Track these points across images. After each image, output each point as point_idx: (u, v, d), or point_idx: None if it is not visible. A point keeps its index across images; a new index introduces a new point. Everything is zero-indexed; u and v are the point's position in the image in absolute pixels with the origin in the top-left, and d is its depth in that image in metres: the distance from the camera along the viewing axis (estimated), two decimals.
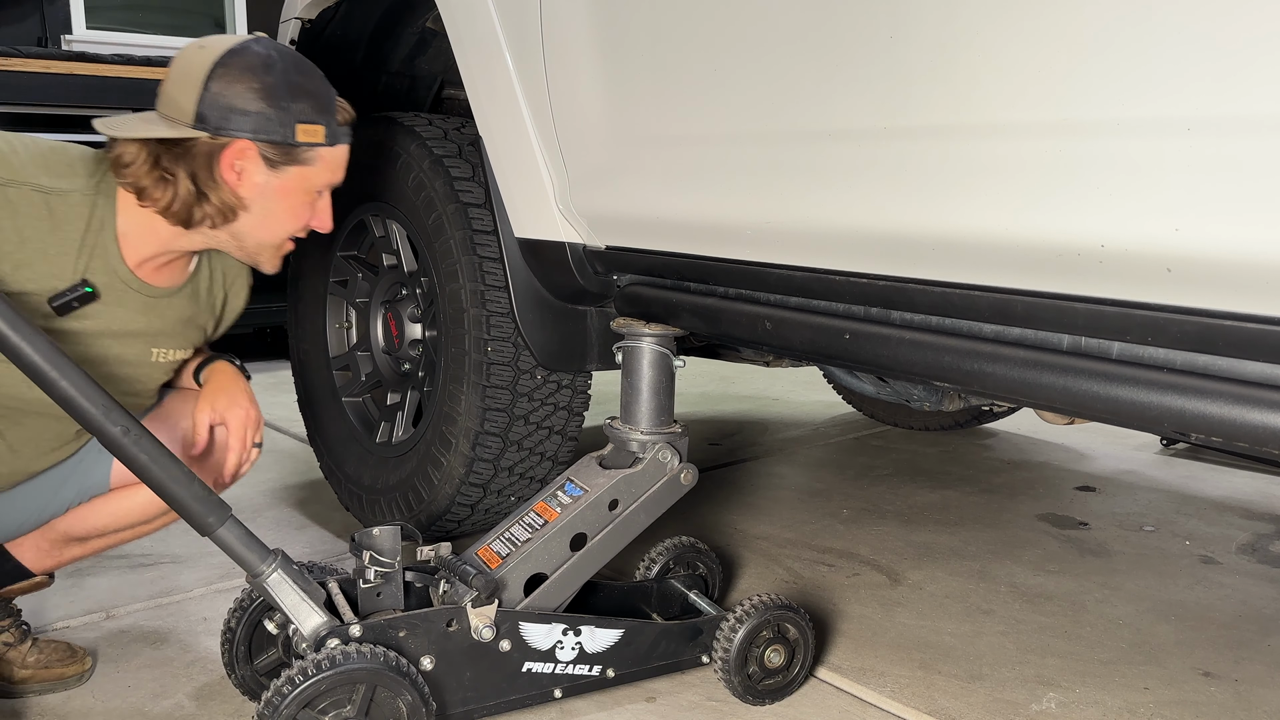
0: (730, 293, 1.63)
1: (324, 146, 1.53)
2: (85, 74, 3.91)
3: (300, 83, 1.50)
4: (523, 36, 1.80)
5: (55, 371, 1.27)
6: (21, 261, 1.42)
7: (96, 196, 1.49)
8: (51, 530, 1.67)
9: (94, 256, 1.49)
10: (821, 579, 2.13)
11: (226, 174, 1.48)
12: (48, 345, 1.28)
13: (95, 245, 1.49)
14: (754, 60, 1.40)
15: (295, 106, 1.48)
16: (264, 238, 1.58)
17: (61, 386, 1.28)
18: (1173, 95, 0.96)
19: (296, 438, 3.17)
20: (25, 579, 1.71)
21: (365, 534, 1.51)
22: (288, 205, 1.55)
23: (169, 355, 1.65)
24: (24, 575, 1.70)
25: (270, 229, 1.57)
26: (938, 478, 2.88)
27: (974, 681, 1.70)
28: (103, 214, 1.49)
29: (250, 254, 1.61)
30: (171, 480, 1.33)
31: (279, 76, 1.47)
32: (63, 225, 1.45)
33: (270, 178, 1.51)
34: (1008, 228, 1.12)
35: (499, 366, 1.97)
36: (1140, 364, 1.08)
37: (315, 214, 1.60)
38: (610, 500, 1.62)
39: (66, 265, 1.46)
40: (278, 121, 1.47)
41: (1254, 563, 2.23)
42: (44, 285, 1.45)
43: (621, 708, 1.61)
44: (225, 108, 1.44)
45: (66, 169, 1.48)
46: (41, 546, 1.68)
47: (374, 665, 1.33)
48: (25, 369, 1.27)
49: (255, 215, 1.53)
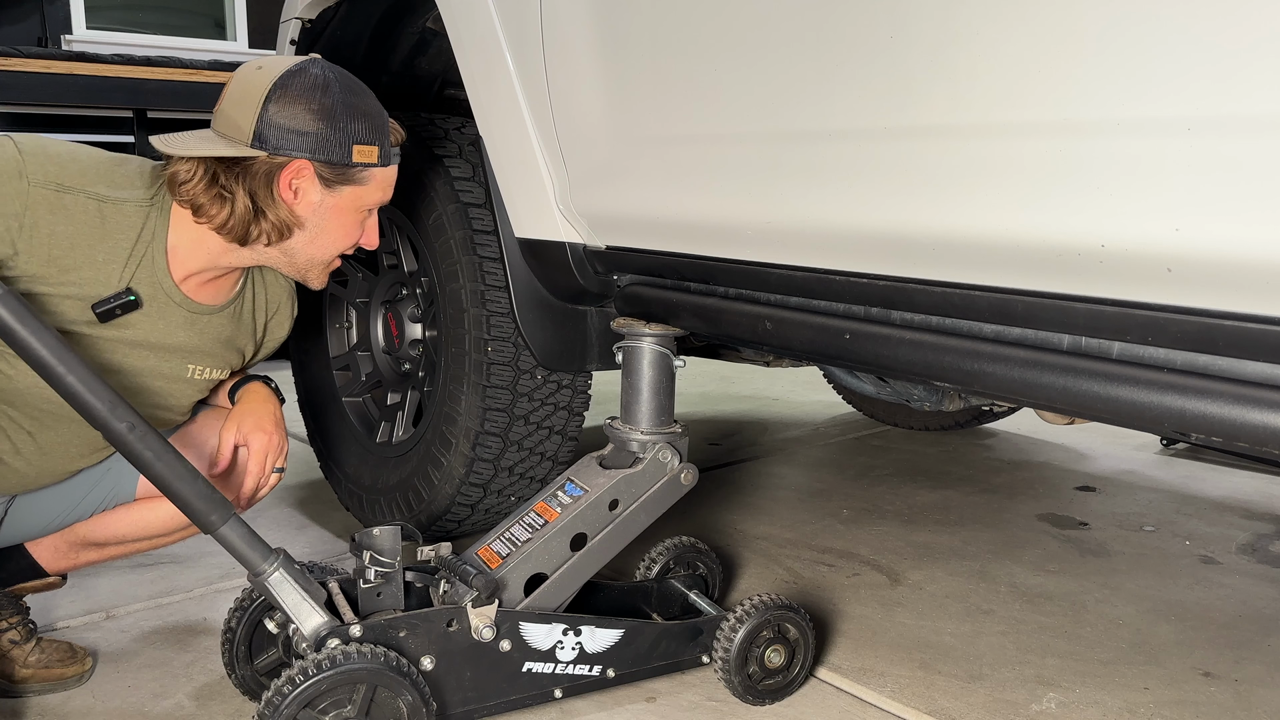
0: (730, 293, 1.63)
1: (378, 167, 1.56)
2: (85, 74, 3.91)
3: (356, 104, 1.54)
4: (523, 36, 1.80)
5: (62, 366, 1.28)
6: (69, 266, 1.45)
7: (151, 209, 1.52)
8: (71, 533, 1.69)
9: (140, 267, 1.52)
10: (821, 579, 2.13)
11: (284, 193, 1.52)
12: (55, 341, 1.28)
13: (144, 256, 1.52)
14: (754, 60, 1.40)
15: (351, 127, 1.52)
16: (315, 254, 1.61)
17: (68, 382, 1.28)
18: (1173, 95, 0.96)
19: (296, 438, 3.17)
20: (39, 578, 1.73)
21: (365, 534, 1.51)
22: (340, 223, 1.59)
23: (205, 374, 1.67)
24: (38, 574, 1.72)
25: (322, 246, 1.60)
26: (938, 478, 2.88)
27: (974, 681, 1.70)
28: (155, 226, 1.52)
29: (300, 270, 1.64)
30: (175, 477, 1.33)
31: (336, 98, 1.51)
32: (114, 233, 1.48)
33: (325, 196, 1.55)
34: (1008, 227, 1.12)
35: (499, 366, 1.98)
36: (1140, 364, 1.08)
37: (365, 232, 1.64)
38: (610, 500, 1.62)
39: (113, 273, 1.49)
40: (334, 142, 1.50)
41: (1254, 563, 2.23)
42: (89, 291, 1.47)
43: (621, 708, 1.61)
44: (283, 128, 1.48)
45: (125, 180, 1.52)
46: (59, 548, 1.70)
47: (374, 665, 1.33)
48: (33, 363, 1.28)
49: (309, 233, 1.57)
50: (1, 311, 1.25)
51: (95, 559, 1.74)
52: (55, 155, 1.46)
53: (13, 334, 1.26)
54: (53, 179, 1.43)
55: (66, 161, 1.46)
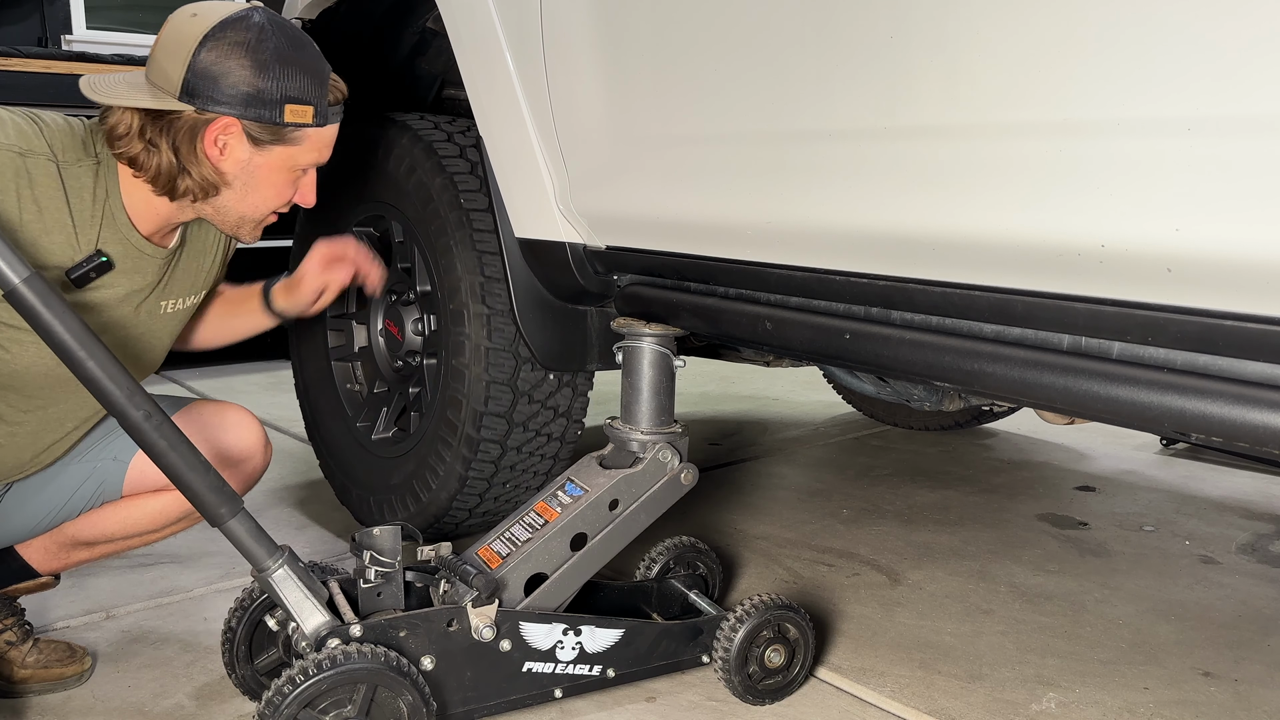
0: (731, 293, 1.63)
1: (312, 127, 1.50)
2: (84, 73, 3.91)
3: (293, 59, 1.46)
4: (523, 36, 1.80)
5: (83, 351, 1.27)
6: (41, 231, 1.40)
7: (99, 166, 1.47)
8: (60, 534, 1.67)
9: (104, 226, 1.47)
10: (821, 579, 2.13)
11: (209, 149, 1.45)
12: (79, 325, 1.27)
13: (105, 214, 1.47)
14: (754, 60, 1.40)
15: (286, 84, 1.44)
16: (246, 212, 1.55)
17: (88, 367, 1.27)
18: (1173, 95, 0.96)
19: (297, 438, 3.17)
20: (31, 579, 1.72)
21: (366, 534, 1.51)
22: (271, 182, 1.53)
23: (180, 304, 1.65)
24: (30, 575, 1.71)
25: (252, 205, 1.54)
26: (938, 478, 2.88)
27: (974, 681, 1.71)
28: (108, 183, 1.47)
29: (231, 227, 1.58)
30: (188, 468, 1.33)
31: (271, 53, 1.43)
32: (75, 195, 1.44)
33: (254, 155, 1.48)
34: (1008, 227, 1.12)
35: (498, 352, 1.97)
36: (1140, 364, 1.08)
37: (299, 190, 1.58)
38: (611, 500, 1.62)
39: (82, 235, 1.45)
40: (266, 100, 1.43)
41: (1254, 563, 2.23)
42: (62, 257, 1.44)
43: (621, 708, 1.61)
44: (213, 82, 1.41)
45: (72, 138, 1.46)
46: (49, 548, 1.69)
47: (375, 665, 1.33)
48: (54, 347, 1.27)
49: (237, 191, 1.51)
50: (27, 294, 1.24)
51: (86, 558, 1.72)
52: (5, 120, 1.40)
53: (37, 317, 1.25)
54: (14, 144, 1.38)
55: (23, 127, 1.41)
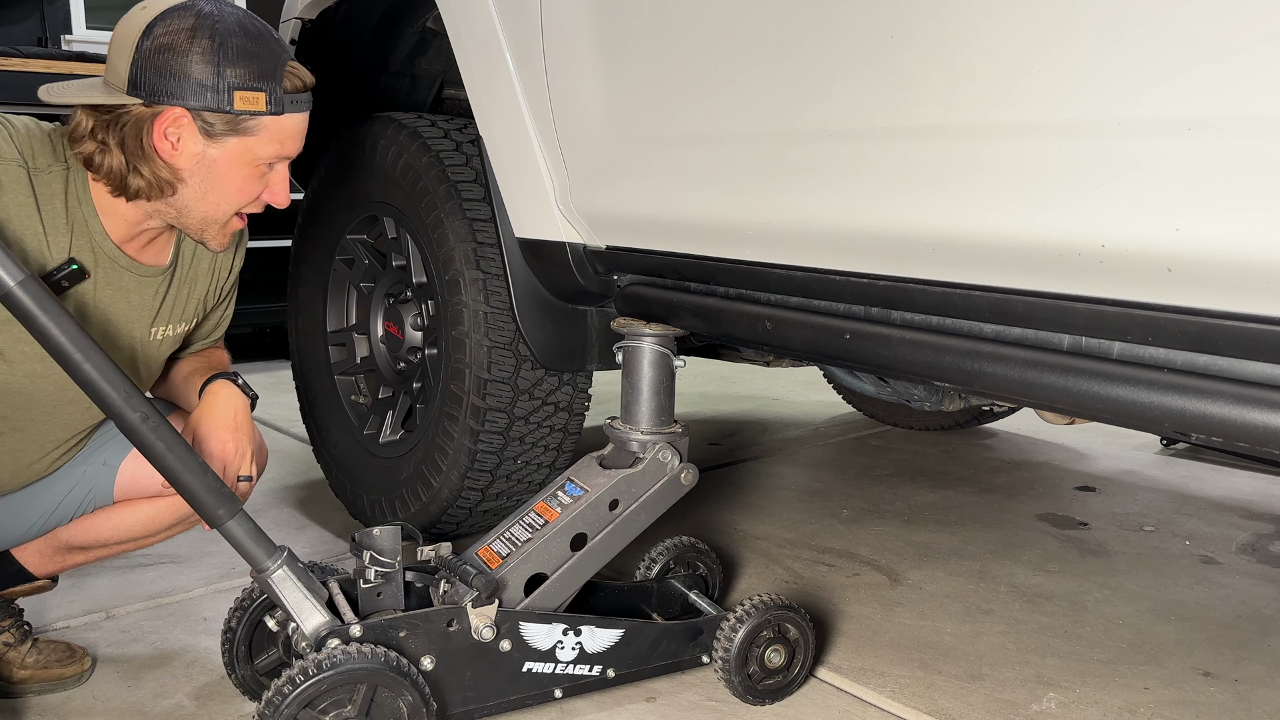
0: (731, 293, 1.63)
1: (267, 115, 1.41)
2: (85, 74, 3.88)
3: (242, 46, 1.39)
4: (523, 36, 1.80)
5: (79, 354, 1.26)
6: (11, 239, 1.36)
7: (68, 171, 1.43)
8: (55, 538, 1.67)
9: (76, 234, 1.44)
10: (821, 579, 2.13)
11: (160, 144, 1.39)
12: (75, 328, 1.27)
13: (76, 221, 1.44)
14: (754, 60, 1.40)
15: (234, 71, 1.37)
16: (208, 212, 1.47)
17: (85, 370, 1.27)
18: (1173, 95, 0.96)
19: (297, 438, 3.17)
20: (27, 582, 1.71)
21: (365, 534, 1.51)
22: (230, 179, 1.45)
23: (168, 331, 1.61)
24: (26, 578, 1.71)
25: (214, 203, 1.46)
26: (938, 478, 2.88)
27: (974, 681, 1.70)
28: (78, 189, 1.44)
29: (196, 230, 1.50)
30: (186, 470, 1.33)
31: (219, 39, 1.37)
32: (45, 202, 1.40)
33: (208, 148, 1.41)
34: (1008, 227, 1.12)
35: (499, 350, 1.97)
36: (1140, 364, 1.08)
37: (267, 187, 1.49)
38: (610, 500, 1.62)
39: (54, 243, 1.42)
40: (213, 88, 1.37)
41: (1254, 563, 2.23)
42: (34, 264, 1.40)
43: (621, 708, 1.61)
44: (157, 72, 1.35)
45: (43, 144, 1.43)
46: (44, 552, 1.68)
47: (374, 665, 1.33)
48: (50, 350, 1.26)
49: (195, 189, 1.44)
50: (22, 297, 1.23)
51: (81, 561, 1.71)
52: None
53: (32, 320, 1.25)
54: None
55: None
